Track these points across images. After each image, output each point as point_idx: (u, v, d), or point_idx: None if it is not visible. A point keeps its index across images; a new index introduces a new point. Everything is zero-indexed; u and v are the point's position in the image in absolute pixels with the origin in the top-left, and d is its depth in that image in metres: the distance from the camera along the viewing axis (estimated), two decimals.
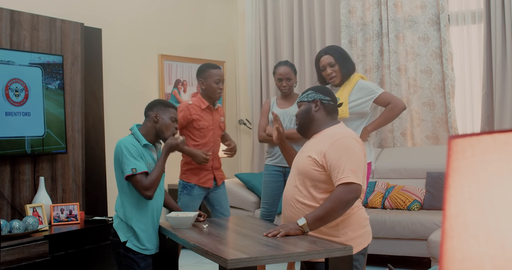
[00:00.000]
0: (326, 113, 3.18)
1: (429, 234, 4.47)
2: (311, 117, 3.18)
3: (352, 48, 6.17)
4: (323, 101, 3.18)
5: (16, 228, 3.76)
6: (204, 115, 4.17)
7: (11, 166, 4.21)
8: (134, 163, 3.21)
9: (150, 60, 5.86)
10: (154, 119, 3.39)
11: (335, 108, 3.23)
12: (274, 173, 4.53)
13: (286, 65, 4.56)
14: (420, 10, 5.83)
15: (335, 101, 3.26)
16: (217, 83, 4.19)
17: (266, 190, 4.58)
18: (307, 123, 3.21)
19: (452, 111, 5.60)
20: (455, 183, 0.80)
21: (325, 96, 3.20)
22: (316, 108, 3.17)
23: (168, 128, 3.41)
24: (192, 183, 4.15)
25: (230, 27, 7.03)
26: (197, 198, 4.17)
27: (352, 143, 3.00)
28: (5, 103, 4.10)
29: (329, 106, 3.20)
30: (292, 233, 2.93)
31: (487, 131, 0.77)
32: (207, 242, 2.97)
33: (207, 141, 4.18)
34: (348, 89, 4.06)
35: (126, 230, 3.33)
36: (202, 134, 4.15)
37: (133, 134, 3.37)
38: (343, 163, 2.91)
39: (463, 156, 0.79)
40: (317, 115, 3.17)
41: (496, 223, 0.75)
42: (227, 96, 6.88)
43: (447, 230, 0.81)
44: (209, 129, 4.19)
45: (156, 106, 3.43)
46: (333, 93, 3.29)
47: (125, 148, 3.24)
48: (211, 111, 4.24)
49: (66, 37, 4.65)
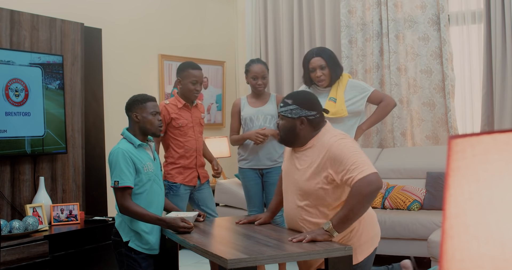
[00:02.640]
0: (312, 127, 3.02)
1: (429, 234, 4.47)
2: (296, 134, 3.02)
3: (352, 48, 6.17)
4: (309, 117, 3.01)
5: (16, 228, 3.76)
6: (182, 113, 4.12)
7: (11, 166, 4.21)
8: (119, 175, 3.24)
9: (150, 60, 5.86)
10: (135, 119, 3.40)
11: (321, 118, 3.07)
12: (252, 176, 4.50)
13: (259, 63, 4.47)
14: (420, 10, 5.83)
15: (321, 110, 3.08)
16: (194, 84, 4.12)
17: (249, 194, 4.54)
18: (291, 138, 3.06)
19: (452, 111, 5.60)
20: (455, 183, 0.80)
21: (311, 111, 3.02)
22: (301, 126, 3.01)
23: (152, 123, 3.41)
24: (178, 183, 4.11)
25: (230, 27, 7.03)
26: (184, 197, 4.15)
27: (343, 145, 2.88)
28: (5, 103, 4.10)
29: (315, 120, 3.03)
30: (320, 238, 2.79)
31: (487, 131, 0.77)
32: (206, 242, 2.97)
33: (189, 138, 4.15)
34: (341, 88, 4.07)
35: (128, 230, 3.34)
36: (182, 132, 4.11)
37: (126, 138, 3.39)
38: (349, 164, 2.79)
39: (463, 156, 0.79)
40: (302, 132, 3.02)
41: (496, 223, 0.75)
42: (227, 96, 6.88)
43: (447, 230, 0.81)
44: (189, 126, 4.15)
45: (133, 106, 3.43)
46: (318, 102, 3.12)
47: (115, 158, 3.27)
48: (190, 109, 4.19)
49: (66, 37, 4.65)
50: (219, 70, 6.72)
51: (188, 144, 4.14)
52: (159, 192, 3.48)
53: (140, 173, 3.31)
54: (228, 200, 5.76)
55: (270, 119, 4.42)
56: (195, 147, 4.18)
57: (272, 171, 4.45)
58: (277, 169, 4.41)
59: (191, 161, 4.15)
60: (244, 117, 4.48)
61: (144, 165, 3.33)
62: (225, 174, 6.44)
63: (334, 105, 4.04)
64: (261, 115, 4.43)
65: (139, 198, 3.32)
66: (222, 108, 6.77)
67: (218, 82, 6.72)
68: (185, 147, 4.13)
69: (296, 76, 6.47)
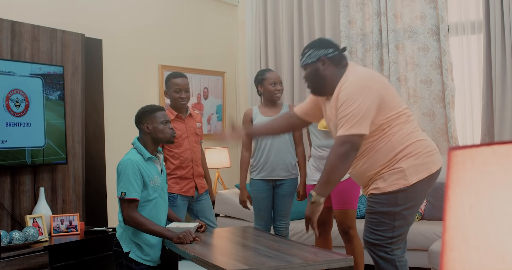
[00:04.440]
0: (335, 65, 3.00)
1: (430, 244, 4.46)
2: (322, 77, 3.01)
3: (352, 59, 6.19)
4: (328, 55, 3.00)
5: (16, 239, 3.76)
6: (176, 125, 4.08)
7: (11, 176, 4.21)
8: (126, 187, 3.23)
9: (151, 70, 5.87)
10: (146, 130, 3.40)
11: (341, 55, 3.04)
12: (264, 188, 4.41)
13: (273, 71, 4.57)
14: (419, 21, 5.84)
15: (337, 48, 3.07)
16: (178, 92, 4.14)
17: (259, 207, 4.44)
18: (319, 84, 3.05)
19: (452, 121, 5.61)
20: (455, 194, 0.80)
21: (328, 49, 3.02)
22: (324, 66, 3.00)
23: (163, 131, 3.42)
24: (175, 193, 4.08)
25: (230, 38, 7.05)
26: (181, 208, 4.12)
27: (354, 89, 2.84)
28: (5, 113, 4.10)
29: (336, 57, 3.01)
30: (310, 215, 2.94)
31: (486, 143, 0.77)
32: (207, 253, 2.96)
33: (184, 149, 4.14)
34: None
35: (129, 241, 3.33)
36: (177, 143, 4.08)
37: (136, 148, 3.39)
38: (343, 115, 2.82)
39: (463, 168, 0.79)
40: (327, 72, 3.00)
41: (496, 235, 0.75)
42: (227, 106, 6.89)
43: (447, 241, 0.81)
44: (183, 137, 4.14)
45: (142, 117, 3.44)
46: (332, 42, 3.12)
47: (124, 169, 3.27)
48: (183, 120, 4.19)
49: (67, 48, 4.66)
50: (219, 80, 6.73)
51: (183, 155, 4.13)
52: (164, 206, 3.48)
53: (147, 187, 3.31)
54: (228, 211, 5.75)
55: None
56: (190, 157, 4.16)
57: (285, 183, 4.40)
58: (290, 181, 4.41)
59: (188, 171, 4.14)
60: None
61: (151, 179, 3.33)
62: (226, 184, 6.43)
63: None
64: None
65: (143, 213, 3.31)
66: (222, 118, 6.78)
67: (218, 93, 6.73)
68: (181, 158, 4.12)
69: (296, 86, 6.48)
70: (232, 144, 6.53)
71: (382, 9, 5.96)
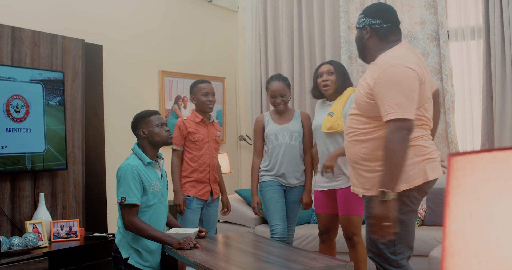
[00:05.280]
0: (379, 38, 2.94)
1: (430, 250, 4.45)
2: (364, 45, 2.99)
3: (352, 64, 6.19)
4: (373, 26, 2.94)
5: (16, 244, 3.75)
6: (199, 129, 4.25)
7: (11, 182, 4.21)
8: (126, 192, 3.23)
9: (151, 76, 5.88)
10: (142, 135, 3.42)
11: (390, 29, 2.95)
12: (278, 189, 4.30)
13: (278, 80, 4.33)
14: (419, 26, 5.85)
15: (389, 20, 2.97)
16: (206, 95, 4.27)
17: (277, 206, 4.26)
18: (361, 51, 3.03)
19: (452, 127, 5.60)
20: (455, 200, 0.80)
21: (375, 20, 2.94)
22: (367, 35, 2.96)
23: (159, 134, 3.44)
24: (191, 196, 4.19)
25: (230, 44, 7.06)
26: (196, 211, 4.22)
27: (396, 72, 2.75)
28: (5, 119, 4.10)
29: (381, 29, 2.93)
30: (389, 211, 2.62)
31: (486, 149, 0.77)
32: (207, 259, 2.96)
33: (203, 153, 4.24)
34: (342, 102, 4.05)
35: (128, 247, 3.33)
36: (197, 146, 4.22)
37: (136, 154, 3.39)
38: (388, 97, 2.69)
39: (462, 174, 0.80)
40: (369, 42, 2.96)
41: (496, 241, 0.75)
42: (227, 112, 6.89)
43: (447, 248, 0.81)
44: (204, 141, 4.26)
45: (138, 123, 3.46)
46: (386, 11, 3.01)
47: (124, 174, 3.27)
48: (206, 125, 4.31)
49: (67, 54, 4.67)
50: (219, 86, 6.73)
51: (202, 159, 4.23)
52: (164, 211, 3.48)
53: (147, 192, 3.31)
54: (229, 217, 5.74)
55: (296, 137, 4.30)
56: (208, 162, 4.27)
57: (295, 189, 4.34)
58: (300, 189, 4.34)
59: (205, 175, 4.25)
60: (269, 134, 4.34)
61: (151, 184, 3.33)
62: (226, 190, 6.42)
63: (330, 119, 4.01)
64: (287, 132, 4.30)
65: (142, 218, 3.31)
66: (222, 124, 6.78)
67: (218, 98, 6.73)
68: (199, 161, 4.22)
69: (296, 92, 6.48)
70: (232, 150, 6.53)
71: None
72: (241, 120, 7.10)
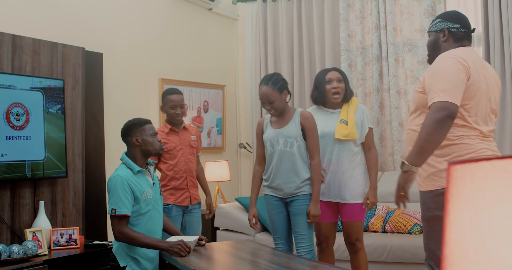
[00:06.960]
0: (454, 41, 3.01)
1: None
2: (439, 47, 3.04)
3: (352, 72, 6.20)
4: (451, 29, 3.01)
5: (16, 252, 3.74)
6: (170, 138, 4.30)
7: (11, 190, 4.21)
8: (116, 203, 3.25)
9: (151, 84, 5.89)
10: (135, 143, 3.42)
11: (466, 35, 3.03)
12: (276, 205, 3.97)
13: (266, 84, 3.84)
14: (419, 34, 5.87)
15: (466, 26, 3.06)
16: (173, 108, 4.30)
17: (274, 225, 3.99)
18: (433, 53, 3.07)
19: None
20: (455, 209, 0.81)
21: (453, 24, 3.02)
22: (444, 38, 3.03)
23: (153, 144, 3.45)
24: (170, 204, 4.22)
25: (230, 52, 7.07)
26: (177, 219, 4.25)
27: (446, 62, 2.83)
28: (6, 127, 4.10)
29: (458, 33, 3.01)
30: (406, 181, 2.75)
31: (485, 158, 0.77)
32: (207, 266, 2.95)
33: (177, 161, 4.29)
34: (352, 111, 4.07)
35: (125, 255, 3.32)
36: (171, 155, 4.28)
37: (125, 163, 3.40)
38: (434, 84, 2.77)
39: (462, 182, 0.80)
40: (444, 44, 3.02)
41: (496, 249, 0.75)
42: (227, 119, 6.90)
43: (447, 256, 0.81)
44: (177, 149, 4.31)
45: (131, 130, 3.45)
46: (463, 18, 3.08)
47: (114, 186, 3.28)
48: (177, 132, 4.35)
49: (67, 62, 4.68)
50: (220, 94, 6.74)
51: (177, 166, 4.29)
52: (158, 218, 3.48)
53: (139, 201, 3.31)
54: (228, 224, 5.73)
55: (292, 142, 3.85)
56: (184, 168, 4.32)
57: (296, 200, 3.88)
58: (302, 197, 3.87)
59: (182, 181, 4.29)
60: (265, 140, 3.98)
61: (143, 193, 3.33)
62: (226, 198, 6.42)
63: (346, 127, 4.01)
64: (281, 138, 3.87)
65: (138, 227, 3.31)
66: (222, 131, 6.78)
67: (218, 106, 6.74)
68: (175, 169, 4.28)
69: (296, 99, 6.49)
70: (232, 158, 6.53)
71: (382, 23, 5.99)
72: (241, 127, 7.11)
